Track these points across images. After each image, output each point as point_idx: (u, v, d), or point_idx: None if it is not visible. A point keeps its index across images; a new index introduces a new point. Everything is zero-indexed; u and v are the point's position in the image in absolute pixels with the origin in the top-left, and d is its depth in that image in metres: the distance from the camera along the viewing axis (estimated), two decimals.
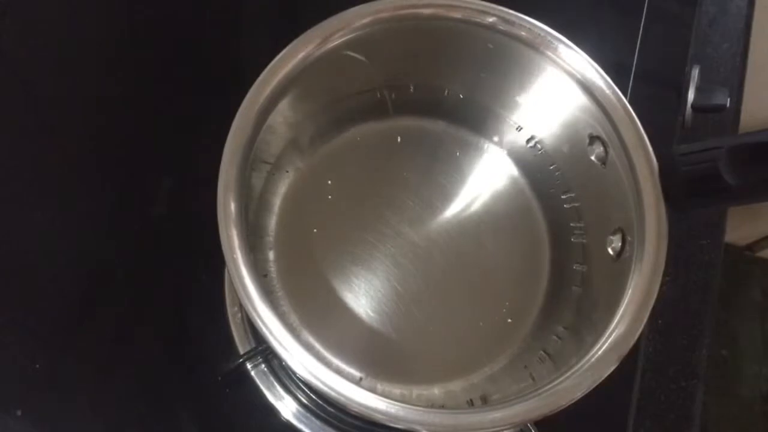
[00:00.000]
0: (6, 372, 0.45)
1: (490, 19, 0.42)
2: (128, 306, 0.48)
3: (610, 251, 0.42)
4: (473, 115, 0.49)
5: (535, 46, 0.42)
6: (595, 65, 0.41)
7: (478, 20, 0.42)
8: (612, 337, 0.36)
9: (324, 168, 0.48)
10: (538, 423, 0.38)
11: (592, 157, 0.43)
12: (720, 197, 0.37)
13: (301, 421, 0.45)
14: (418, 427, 0.33)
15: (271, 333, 0.34)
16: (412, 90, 0.48)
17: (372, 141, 0.49)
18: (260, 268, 0.44)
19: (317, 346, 0.44)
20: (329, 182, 0.48)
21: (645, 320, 0.36)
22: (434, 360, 0.45)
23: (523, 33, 0.42)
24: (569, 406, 0.34)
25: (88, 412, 0.45)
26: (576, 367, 0.36)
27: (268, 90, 0.39)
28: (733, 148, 0.35)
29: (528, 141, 0.48)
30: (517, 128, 0.48)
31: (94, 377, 0.46)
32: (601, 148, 0.42)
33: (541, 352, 0.43)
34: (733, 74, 0.58)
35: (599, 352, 0.36)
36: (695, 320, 0.50)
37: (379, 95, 0.48)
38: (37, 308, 0.47)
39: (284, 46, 0.40)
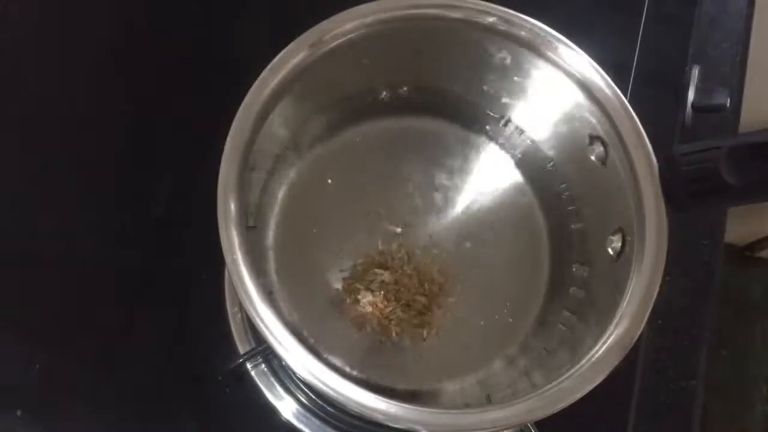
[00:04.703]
0: (6, 372, 0.45)
1: (490, 19, 0.42)
2: (128, 306, 0.48)
3: (610, 251, 0.42)
4: (473, 115, 0.49)
5: (536, 46, 0.42)
6: (595, 65, 0.41)
7: (478, 20, 0.42)
8: (612, 337, 0.36)
9: (324, 168, 0.48)
10: (538, 423, 0.38)
11: (592, 157, 0.43)
12: (720, 197, 0.37)
13: (301, 421, 0.45)
14: (418, 427, 0.33)
15: (271, 333, 0.34)
16: (412, 90, 0.48)
17: (372, 141, 0.49)
18: (260, 268, 0.44)
19: (317, 346, 0.44)
20: (329, 182, 0.48)
21: (645, 320, 0.36)
22: (434, 360, 0.45)
23: (523, 33, 0.42)
24: (569, 406, 0.34)
25: (88, 412, 0.45)
26: (576, 367, 0.36)
27: (268, 90, 0.39)
28: (733, 148, 0.35)
29: (528, 141, 0.48)
30: (517, 128, 0.48)
31: (94, 377, 0.46)
32: (601, 148, 0.42)
33: (542, 352, 0.43)
34: (733, 74, 0.58)
35: (599, 352, 0.36)
36: (695, 320, 0.50)
37: (379, 95, 0.48)
38: (37, 308, 0.47)
39: (284, 46, 0.40)
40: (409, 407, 0.33)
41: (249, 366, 0.46)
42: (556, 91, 0.43)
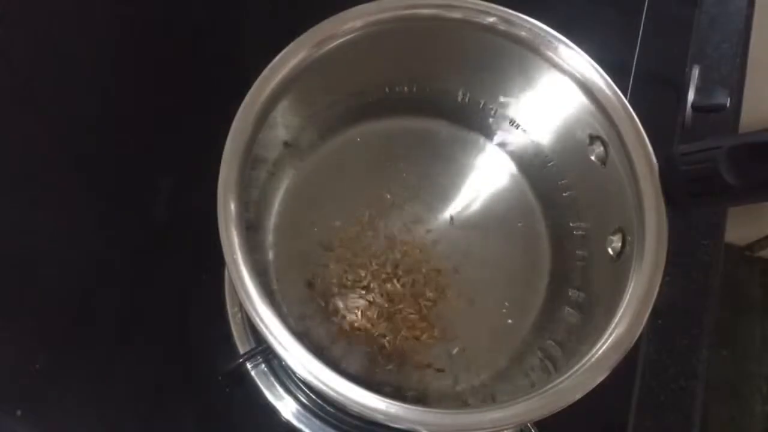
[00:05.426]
0: (6, 372, 0.45)
1: (490, 19, 0.42)
2: (128, 306, 0.48)
3: (610, 251, 0.42)
4: (473, 115, 0.49)
5: (535, 46, 0.42)
6: (595, 65, 0.41)
7: (478, 20, 0.42)
8: (612, 337, 0.36)
9: (324, 168, 0.48)
10: (538, 423, 0.38)
11: (592, 157, 0.43)
12: (720, 197, 0.37)
13: (301, 421, 0.45)
14: (418, 427, 0.33)
15: (271, 333, 0.34)
16: (412, 90, 0.48)
17: (372, 141, 0.49)
18: (260, 268, 0.44)
19: (316, 346, 0.44)
20: (329, 182, 0.48)
21: (645, 320, 0.36)
22: (433, 361, 0.45)
23: (523, 33, 0.42)
24: (569, 406, 0.34)
25: (88, 412, 0.45)
26: (576, 367, 0.36)
27: (268, 90, 0.39)
28: (733, 148, 0.35)
29: (528, 141, 0.48)
30: (517, 128, 0.48)
31: (94, 377, 0.46)
32: (601, 148, 0.42)
33: (541, 353, 0.43)
34: (733, 74, 0.58)
35: (599, 352, 0.36)
36: (695, 320, 0.50)
37: (379, 95, 0.48)
38: (37, 308, 0.47)
39: (284, 46, 0.40)
40: (409, 407, 0.33)
41: (249, 366, 0.46)
42: (556, 91, 0.43)
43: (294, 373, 0.35)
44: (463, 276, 0.46)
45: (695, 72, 0.55)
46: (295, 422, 0.45)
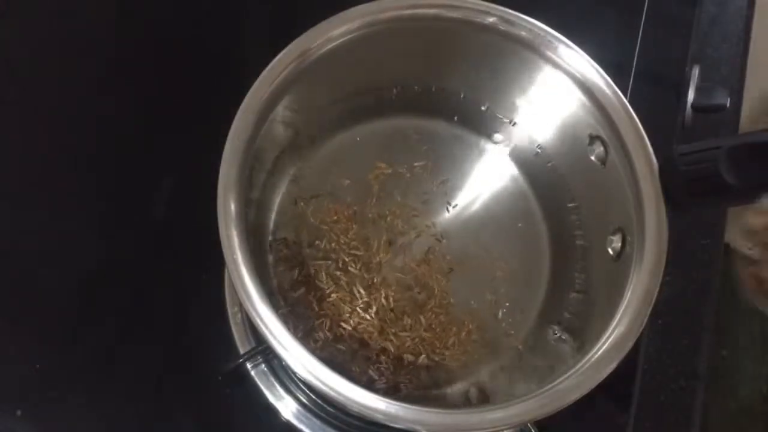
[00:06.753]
0: (6, 372, 0.45)
1: (491, 20, 0.42)
2: (128, 306, 0.48)
3: (610, 251, 0.42)
4: (473, 115, 0.49)
5: (536, 46, 0.42)
6: (595, 65, 0.41)
7: (478, 20, 0.42)
8: (612, 337, 0.36)
9: (324, 167, 0.48)
10: (538, 423, 0.38)
11: (592, 157, 0.43)
12: (720, 197, 0.37)
13: (301, 421, 0.45)
14: (418, 427, 0.33)
15: (271, 333, 0.34)
16: (412, 90, 0.48)
17: (372, 141, 0.49)
18: (260, 268, 0.44)
19: (314, 344, 0.44)
20: (329, 182, 0.48)
21: (645, 320, 0.36)
22: (434, 360, 0.45)
23: (523, 33, 0.42)
24: (569, 406, 0.34)
25: (88, 412, 0.45)
26: (576, 367, 0.36)
27: (268, 90, 0.39)
28: (733, 148, 0.35)
29: (528, 141, 0.48)
30: (517, 128, 0.48)
31: (94, 377, 0.46)
32: (601, 148, 0.42)
33: (542, 352, 0.43)
34: (733, 74, 0.58)
35: (599, 352, 0.36)
36: (695, 320, 0.50)
37: (379, 95, 0.48)
38: (37, 308, 0.47)
39: (284, 46, 0.40)
40: (409, 407, 0.33)
41: (249, 366, 0.46)
42: (557, 91, 0.43)
43: (294, 373, 0.36)
44: (463, 276, 0.46)
45: (695, 72, 0.54)
46: (295, 422, 0.45)
